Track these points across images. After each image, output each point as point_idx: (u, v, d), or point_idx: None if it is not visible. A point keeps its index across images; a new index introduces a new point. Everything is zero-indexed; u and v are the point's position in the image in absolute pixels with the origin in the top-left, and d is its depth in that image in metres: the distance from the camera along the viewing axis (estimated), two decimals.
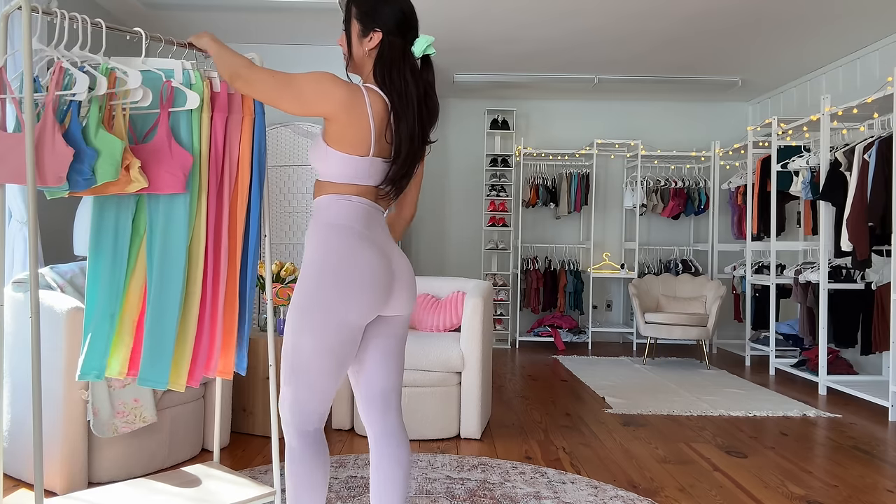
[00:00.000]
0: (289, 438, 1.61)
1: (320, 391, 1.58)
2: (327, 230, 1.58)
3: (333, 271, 1.54)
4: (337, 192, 1.60)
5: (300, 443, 1.60)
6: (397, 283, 1.63)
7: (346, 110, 1.54)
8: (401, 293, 1.64)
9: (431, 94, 1.64)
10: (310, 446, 1.60)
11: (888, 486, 2.77)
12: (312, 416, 1.60)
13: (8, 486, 2.53)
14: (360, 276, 1.55)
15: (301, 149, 4.82)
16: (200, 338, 2.03)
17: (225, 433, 3.07)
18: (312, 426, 1.61)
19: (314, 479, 1.61)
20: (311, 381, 1.57)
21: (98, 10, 4.48)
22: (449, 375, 3.29)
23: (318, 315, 1.53)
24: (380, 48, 1.61)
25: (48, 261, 3.82)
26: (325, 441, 1.65)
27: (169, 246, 1.94)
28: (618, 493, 2.58)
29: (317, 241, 1.59)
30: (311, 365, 1.56)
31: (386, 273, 1.59)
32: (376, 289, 1.57)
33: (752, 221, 5.69)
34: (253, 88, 1.56)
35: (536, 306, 6.61)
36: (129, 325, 1.98)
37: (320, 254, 1.56)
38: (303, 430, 1.60)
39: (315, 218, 1.63)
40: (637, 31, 4.86)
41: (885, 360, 4.72)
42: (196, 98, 1.93)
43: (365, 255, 1.57)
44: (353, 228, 1.58)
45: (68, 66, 1.82)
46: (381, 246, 1.61)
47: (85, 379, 1.94)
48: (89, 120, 1.82)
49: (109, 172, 1.79)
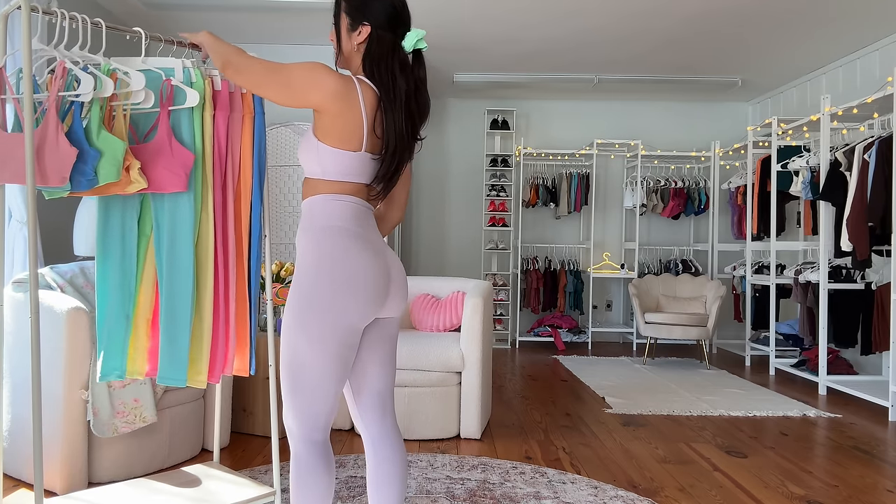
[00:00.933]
0: (295, 448, 1.58)
1: (323, 398, 1.55)
2: (321, 233, 1.54)
3: (330, 275, 1.51)
4: (329, 190, 1.57)
5: (307, 452, 1.57)
6: (393, 285, 1.61)
7: (337, 100, 1.50)
8: (396, 294, 1.63)
9: (422, 89, 1.61)
10: (316, 456, 1.57)
11: (888, 486, 2.77)
12: (318, 424, 1.56)
13: (8, 486, 2.52)
14: (357, 279, 1.52)
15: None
16: (217, 334, 2.04)
17: (225, 433, 3.07)
18: (319, 435, 1.58)
19: (320, 489, 1.58)
20: (313, 390, 1.54)
21: (98, 9, 4.48)
22: (449, 375, 3.29)
23: (316, 321, 1.50)
24: (368, 42, 1.59)
25: (48, 261, 3.82)
26: (332, 451, 1.62)
27: (176, 244, 1.95)
28: (618, 493, 2.58)
29: (311, 244, 1.55)
30: (312, 373, 1.53)
31: (383, 275, 1.57)
32: (374, 291, 1.55)
33: (752, 221, 5.69)
34: (243, 76, 1.54)
35: (536, 306, 6.61)
36: (143, 325, 1.98)
37: (315, 258, 1.53)
38: (309, 440, 1.57)
39: (307, 219, 1.58)
40: (637, 31, 4.86)
41: (885, 360, 4.72)
42: (196, 96, 1.93)
43: (362, 257, 1.54)
44: (348, 230, 1.55)
45: (71, 66, 1.82)
46: (377, 247, 1.59)
47: (107, 379, 1.95)
48: (90, 120, 1.82)
49: (112, 173, 1.79)
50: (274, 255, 4.83)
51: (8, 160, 1.71)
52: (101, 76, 1.83)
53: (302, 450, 1.57)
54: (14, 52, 2.01)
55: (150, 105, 1.94)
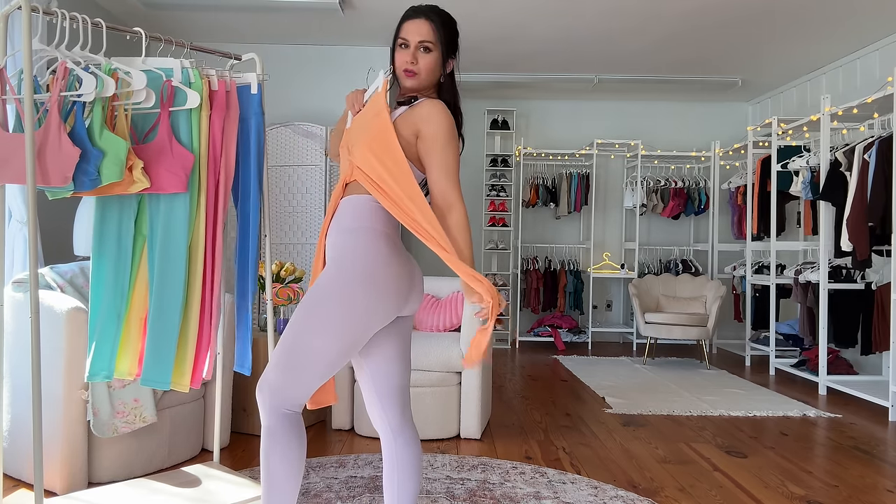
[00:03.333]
0: (266, 418, 1.56)
1: (311, 387, 1.57)
2: (368, 235, 1.59)
3: (370, 278, 1.55)
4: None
5: (279, 423, 1.56)
6: (415, 288, 1.66)
7: None
8: (415, 295, 1.67)
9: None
10: (287, 427, 1.56)
11: (888, 486, 2.77)
12: (293, 404, 1.57)
13: (8, 486, 2.52)
14: (391, 285, 1.57)
15: (301, 149, 4.81)
16: (201, 337, 2.03)
17: (225, 433, 3.07)
18: (292, 410, 1.58)
19: (290, 457, 1.57)
20: (307, 379, 1.55)
21: (98, 10, 4.48)
22: (449, 375, 3.29)
23: (343, 320, 1.53)
24: (451, 76, 1.71)
25: (48, 261, 3.82)
26: (302, 422, 1.62)
27: (170, 246, 1.95)
28: (618, 493, 2.58)
29: (354, 244, 1.59)
30: (315, 365, 1.54)
31: (409, 279, 1.62)
32: (400, 295, 1.60)
33: (752, 221, 5.69)
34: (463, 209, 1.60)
35: (536, 306, 6.61)
36: (136, 325, 1.98)
37: (355, 258, 1.57)
38: (282, 412, 1.56)
39: (350, 218, 1.62)
40: (637, 31, 4.86)
41: (885, 360, 4.72)
42: (196, 97, 1.93)
43: (397, 264, 1.59)
44: (388, 235, 1.61)
45: (73, 66, 1.82)
46: (404, 252, 1.65)
47: (94, 380, 1.95)
48: (93, 120, 1.82)
49: (115, 173, 1.79)
50: (274, 255, 4.83)
51: (10, 160, 1.71)
52: (102, 76, 1.83)
53: (274, 420, 1.56)
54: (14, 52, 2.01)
55: (151, 105, 1.94)
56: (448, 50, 1.69)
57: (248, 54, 2.29)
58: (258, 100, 2.10)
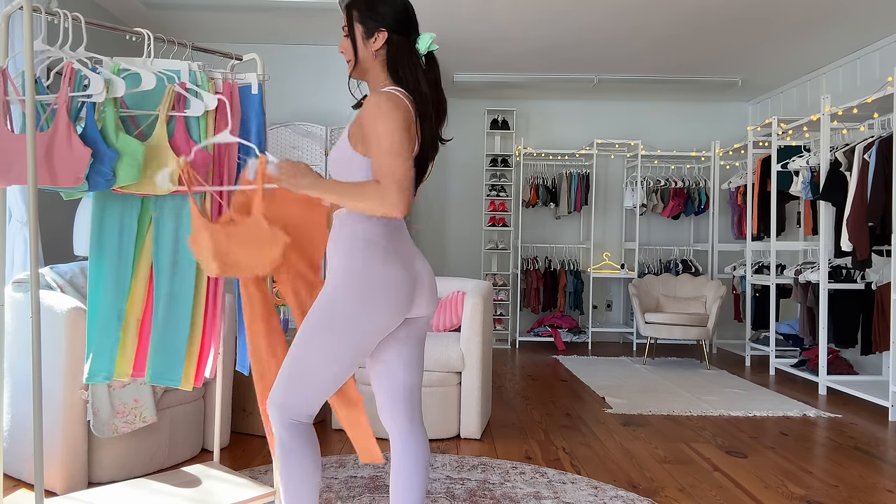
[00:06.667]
0: (277, 431, 1.59)
1: (318, 402, 1.59)
2: (355, 246, 1.56)
3: (364, 293, 1.53)
4: None
5: (289, 433, 1.58)
6: (418, 290, 1.62)
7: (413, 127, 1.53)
8: (421, 297, 1.64)
9: (440, 90, 1.63)
10: (299, 437, 1.58)
11: (888, 486, 2.77)
12: (304, 416, 1.59)
13: (8, 486, 2.53)
14: (386, 296, 1.54)
15: (301, 149, 4.81)
16: (206, 336, 2.04)
17: (225, 433, 3.07)
18: (301, 420, 1.60)
19: (305, 465, 1.59)
20: (313, 394, 1.57)
21: (99, 10, 4.48)
22: (449, 375, 3.29)
23: (342, 340, 1.53)
24: (387, 48, 1.59)
25: (48, 261, 3.82)
26: (314, 430, 1.64)
27: (181, 244, 1.95)
28: (618, 493, 2.58)
29: (344, 260, 1.56)
30: (320, 384, 1.56)
31: (408, 283, 1.58)
32: (400, 299, 1.56)
33: (752, 221, 5.69)
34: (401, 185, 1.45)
35: (536, 306, 6.61)
36: (134, 325, 1.98)
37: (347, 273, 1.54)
38: (292, 423, 1.58)
39: (343, 230, 1.59)
40: (637, 31, 4.85)
41: (885, 360, 4.72)
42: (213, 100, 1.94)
43: (391, 273, 1.55)
44: (376, 242, 1.56)
45: (80, 66, 1.81)
46: (404, 256, 1.60)
47: (93, 381, 1.94)
48: (105, 122, 1.81)
49: (131, 174, 1.79)
50: None
51: (16, 161, 1.71)
52: (111, 76, 1.83)
53: (284, 431, 1.58)
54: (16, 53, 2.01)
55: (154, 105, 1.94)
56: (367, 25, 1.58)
57: (248, 54, 2.29)
58: (259, 100, 2.10)
